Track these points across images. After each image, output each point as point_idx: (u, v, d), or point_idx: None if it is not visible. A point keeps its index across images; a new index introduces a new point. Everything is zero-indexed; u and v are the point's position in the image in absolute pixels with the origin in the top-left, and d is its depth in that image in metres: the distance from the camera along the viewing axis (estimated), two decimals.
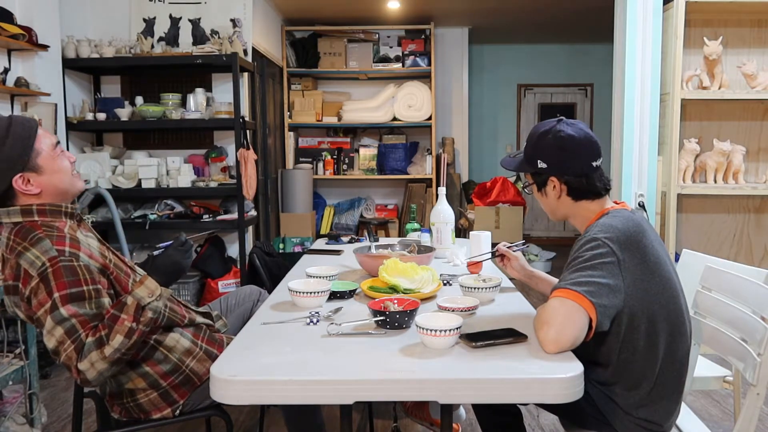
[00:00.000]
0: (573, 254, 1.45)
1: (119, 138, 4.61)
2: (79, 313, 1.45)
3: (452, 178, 6.39)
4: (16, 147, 1.52)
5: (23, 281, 1.47)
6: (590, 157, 1.54)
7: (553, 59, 7.45)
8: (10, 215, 1.55)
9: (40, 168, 1.56)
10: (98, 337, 1.44)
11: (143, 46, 4.21)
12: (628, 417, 1.48)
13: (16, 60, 3.59)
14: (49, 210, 1.58)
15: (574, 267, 1.40)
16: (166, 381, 1.68)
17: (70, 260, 1.48)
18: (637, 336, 1.43)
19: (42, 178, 1.57)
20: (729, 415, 2.73)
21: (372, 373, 1.25)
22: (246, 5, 4.50)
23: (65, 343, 1.43)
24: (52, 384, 3.13)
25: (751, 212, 3.66)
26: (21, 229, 1.53)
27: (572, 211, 1.58)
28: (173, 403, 1.69)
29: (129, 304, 1.46)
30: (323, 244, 2.88)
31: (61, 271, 1.45)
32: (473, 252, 2.38)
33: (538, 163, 1.55)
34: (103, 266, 1.59)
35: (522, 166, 1.60)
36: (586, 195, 1.55)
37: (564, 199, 1.57)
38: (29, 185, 1.55)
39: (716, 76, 3.43)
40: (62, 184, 1.61)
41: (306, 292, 1.69)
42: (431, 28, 6.01)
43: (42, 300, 1.45)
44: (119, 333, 1.43)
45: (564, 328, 1.30)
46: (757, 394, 1.44)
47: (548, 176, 1.55)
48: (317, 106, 6.00)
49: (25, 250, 1.48)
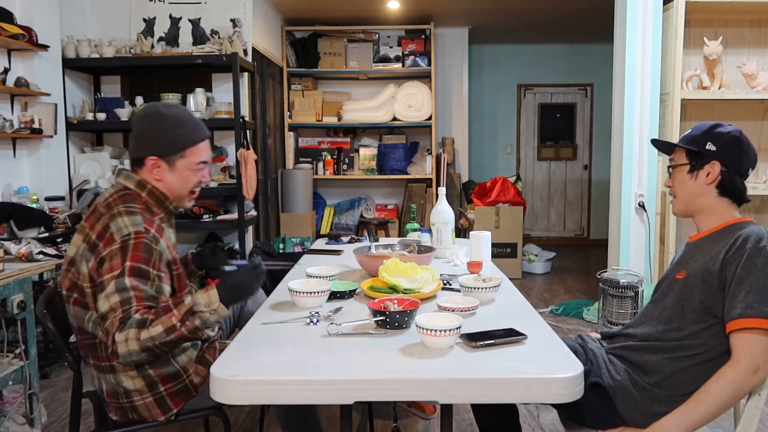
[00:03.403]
0: (741, 268, 1.41)
1: (119, 138, 4.61)
2: (139, 287, 1.50)
3: (452, 178, 6.39)
4: (176, 139, 1.67)
5: (105, 242, 1.54)
6: (752, 163, 1.56)
7: (553, 59, 7.45)
8: (127, 179, 1.69)
9: (174, 167, 1.69)
10: (144, 318, 1.45)
11: (143, 46, 4.21)
12: (641, 393, 1.51)
13: (16, 60, 3.59)
14: (157, 196, 1.70)
15: (755, 286, 1.38)
16: (164, 386, 1.67)
17: (151, 241, 1.57)
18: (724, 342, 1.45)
19: (168, 174, 1.69)
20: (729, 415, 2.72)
21: (372, 373, 1.24)
22: (246, 5, 4.50)
23: (116, 310, 1.47)
24: (52, 384, 3.13)
25: (751, 212, 3.67)
26: (126, 195, 1.65)
27: (711, 203, 1.56)
28: (167, 410, 1.69)
29: (184, 304, 1.47)
30: (323, 244, 2.88)
31: (141, 245, 1.54)
32: (473, 252, 2.38)
33: (708, 144, 1.54)
34: (173, 260, 1.68)
35: (688, 142, 1.57)
36: (732, 194, 1.55)
37: (711, 189, 1.55)
38: (156, 170, 1.68)
39: (716, 76, 3.43)
40: (178, 190, 1.73)
41: (306, 292, 1.69)
42: (431, 28, 6.01)
43: (114, 265, 1.51)
44: (162, 325, 1.45)
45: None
46: (758, 394, 1.44)
47: (710, 160, 1.53)
48: (317, 106, 6.00)
49: (119, 214, 1.58)
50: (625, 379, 1.55)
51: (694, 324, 1.48)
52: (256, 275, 1.52)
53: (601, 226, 6.87)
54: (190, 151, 1.69)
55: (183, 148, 1.68)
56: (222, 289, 1.50)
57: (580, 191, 7.70)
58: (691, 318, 1.49)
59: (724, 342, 1.44)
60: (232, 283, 1.51)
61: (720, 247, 1.48)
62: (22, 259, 2.55)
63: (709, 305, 1.46)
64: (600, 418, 1.55)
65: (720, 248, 1.48)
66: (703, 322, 1.47)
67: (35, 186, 3.70)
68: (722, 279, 1.44)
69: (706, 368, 1.46)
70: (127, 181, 1.69)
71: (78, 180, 4.10)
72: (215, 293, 1.48)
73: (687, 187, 1.58)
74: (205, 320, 1.47)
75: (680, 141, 1.60)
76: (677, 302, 1.52)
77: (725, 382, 1.38)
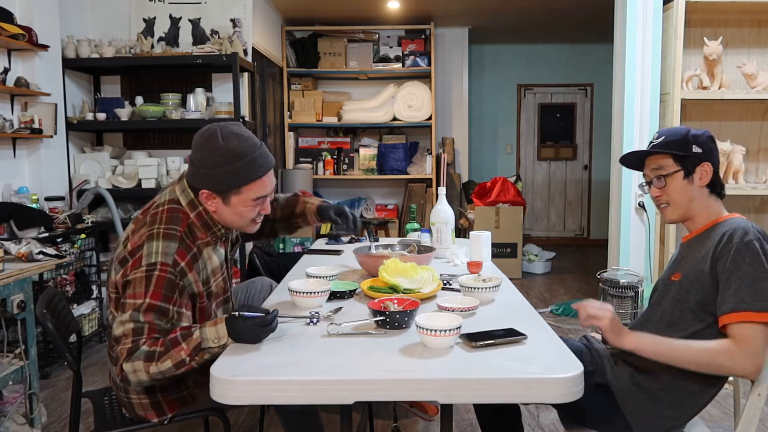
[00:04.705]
0: (730, 263, 1.43)
1: (119, 138, 4.61)
2: (154, 323, 1.49)
3: (452, 178, 6.39)
4: (232, 175, 1.58)
5: (133, 263, 1.53)
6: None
7: (553, 59, 7.45)
8: (183, 193, 1.65)
9: (229, 202, 1.63)
10: (152, 351, 1.45)
11: (143, 46, 4.20)
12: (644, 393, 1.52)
13: (16, 60, 3.59)
14: (205, 220, 1.65)
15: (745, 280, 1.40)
16: (162, 394, 1.67)
17: (176, 276, 1.54)
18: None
19: (223, 207, 1.63)
20: (729, 415, 2.73)
21: (372, 373, 1.24)
22: (246, 5, 4.50)
23: (127, 338, 1.47)
24: (52, 384, 3.13)
25: (751, 212, 3.66)
26: (173, 210, 1.62)
27: (704, 203, 1.59)
28: (161, 414, 1.68)
29: (193, 338, 1.44)
30: (323, 244, 2.88)
31: (163, 281, 1.51)
32: (473, 252, 2.38)
33: (693, 147, 1.56)
34: (198, 294, 1.63)
35: (672, 148, 1.57)
36: (718, 191, 1.60)
37: (703, 190, 1.58)
38: (210, 202, 1.63)
39: (716, 76, 3.43)
40: (234, 223, 1.68)
41: (306, 292, 1.69)
42: (431, 28, 6.01)
43: (136, 294, 1.50)
44: (170, 360, 1.43)
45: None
46: (758, 394, 1.44)
47: (701, 162, 1.56)
48: (317, 106, 6.00)
49: (156, 236, 1.55)
50: (630, 381, 1.55)
51: (694, 324, 1.49)
52: (268, 330, 1.43)
53: (601, 226, 6.87)
54: (247, 188, 1.61)
55: (238, 186, 1.60)
56: (231, 328, 1.43)
57: (580, 191, 7.69)
58: (690, 319, 1.49)
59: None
60: (245, 331, 1.42)
61: (709, 245, 1.49)
62: (22, 259, 2.55)
63: (706, 304, 1.47)
64: (602, 418, 1.55)
65: (709, 247, 1.49)
66: (702, 321, 1.48)
67: (35, 186, 3.70)
68: (714, 276, 1.45)
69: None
70: (181, 196, 1.65)
71: (78, 180, 4.10)
72: (224, 328, 1.43)
73: (684, 192, 1.58)
74: (213, 354, 1.43)
75: (659, 148, 1.59)
76: (675, 305, 1.53)
77: (720, 351, 1.38)
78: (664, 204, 1.61)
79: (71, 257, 3.44)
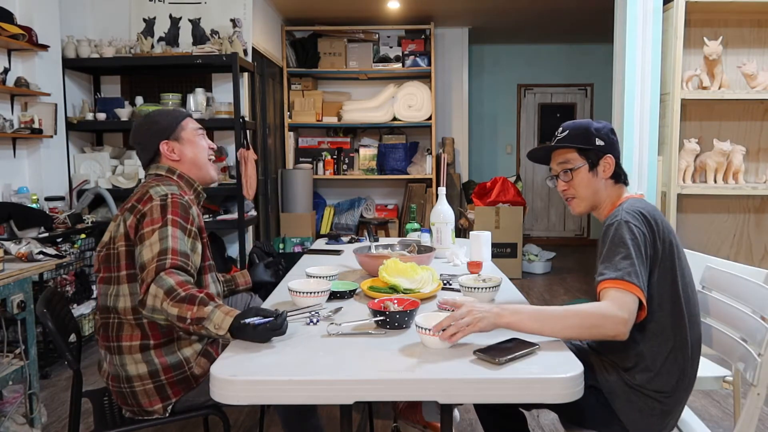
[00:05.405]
0: (601, 242, 1.54)
1: (119, 138, 4.61)
2: (177, 239, 1.64)
3: (452, 178, 6.39)
4: (169, 121, 1.89)
5: (144, 201, 1.70)
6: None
7: (553, 59, 7.45)
8: (158, 168, 1.88)
9: (182, 139, 1.88)
10: (176, 291, 1.52)
11: (143, 46, 4.21)
12: (633, 392, 1.51)
13: (16, 60, 3.59)
14: (186, 179, 1.89)
15: (615, 254, 1.46)
16: (166, 374, 1.69)
17: (187, 204, 1.75)
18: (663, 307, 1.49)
19: (183, 147, 1.88)
20: (729, 415, 2.73)
21: (372, 373, 1.25)
22: (246, 5, 4.50)
23: (155, 260, 1.58)
24: (52, 384, 3.13)
25: (751, 212, 3.66)
26: (160, 177, 1.85)
27: (608, 193, 1.66)
28: (166, 398, 1.70)
29: (204, 309, 1.48)
30: (323, 244, 2.88)
31: (178, 204, 1.71)
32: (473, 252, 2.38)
33: (596, 141, 1.64)
34: (200, 229, 1.80)
35: (576, 142, 1.64)
36: (620, 178, 1.67)
37: (609, 180, 1.66)
38: (172, 152, 1.87)
39: (716, 76, 3.43)
40: (198, 158, 1.91)
41: (306, 292, 1.69)
42: (431, 28, 6.01)
43: (155, 219, 1.66)
44: (179, 309, 1.50)
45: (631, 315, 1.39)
46: (758, 394, 1.44)
47: (604, 154, 1.64)
48: (317, 106, 6.00)
49: (156, 185, 1.76)
50: (617, 378, 1.54)
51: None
52: (275, 335, 1.43)
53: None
54: (184, 122, 1.90)
55: (177, 121, 1.89)
56: (237, 325, 1.44)
57: None
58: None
59: (676, 318, 1.49)
60: (252, 335, 1.42)
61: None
62: (22, 259, 2.55)
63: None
64: (598, 419, 1.55)
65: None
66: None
67: (35, 186, 3.70)
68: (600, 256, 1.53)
69: (682, 352, 1.49)
70: (158, 171, 1.87)
71: (78, 180, 4.11)
72: (229, 322, 1.45)
73: (590, 184, 1.65)
74: (208, 334, 1.51)
75: (563, 143, 1.67)
76: None
77: (592, 308, 1.39)
78: (571, 197, 1.69)
79: (71, 257, 3.44)
